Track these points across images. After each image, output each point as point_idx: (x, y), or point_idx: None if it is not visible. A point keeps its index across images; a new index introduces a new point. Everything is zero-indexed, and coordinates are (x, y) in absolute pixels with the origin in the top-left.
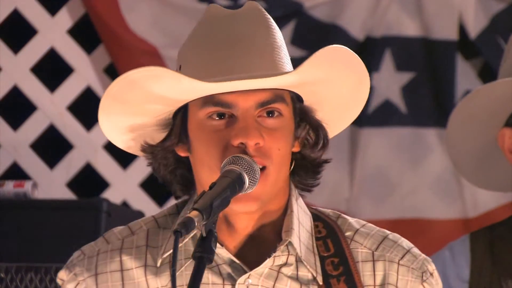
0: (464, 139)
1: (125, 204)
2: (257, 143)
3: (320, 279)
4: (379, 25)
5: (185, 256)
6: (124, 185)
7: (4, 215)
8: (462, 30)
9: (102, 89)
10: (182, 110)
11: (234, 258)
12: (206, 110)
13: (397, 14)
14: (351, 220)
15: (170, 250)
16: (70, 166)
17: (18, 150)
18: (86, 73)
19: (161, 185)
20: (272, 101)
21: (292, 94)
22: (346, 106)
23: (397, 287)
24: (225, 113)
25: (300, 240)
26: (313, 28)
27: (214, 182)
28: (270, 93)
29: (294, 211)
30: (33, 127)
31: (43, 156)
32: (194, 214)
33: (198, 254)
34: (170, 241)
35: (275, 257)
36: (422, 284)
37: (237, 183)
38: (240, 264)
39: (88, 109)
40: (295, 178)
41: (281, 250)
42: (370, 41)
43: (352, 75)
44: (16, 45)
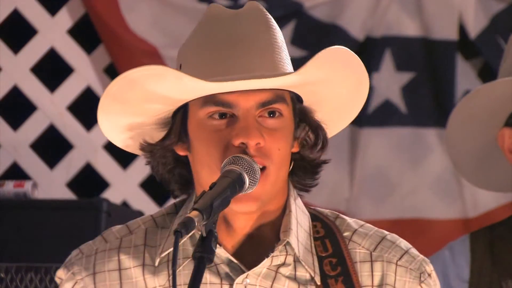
0: (464, 139)
1: (125, 204)
2: (257, 143)
3: (318, 279)
4: (379, 25)
5: (183, 255)
6: (124, 185)
7: (4, 215)
8: (462, 30)
9: (102, 89)
10: (182, 110)
11: (232, 257)
12: (207, 110)
13: (397, 14)
14: (350, 220)
15: (168, 249)
16: (70, 166)
17: (18, 150)
18: (86, 73)
19: (161, 185)
20: (273, 101)
21: (292, 94)
22: (345, 106)
23: None
24: (226, 113)
25: (298, 240)
26: (313, 28)
27: (215, 182)
28: (271, 93)
29: (293, 211)
30: (33, 127)
31: (43, 156)
32: (194, 214)
33: (198, 254)
34: (168, 240)
35: (273, 257)
36: (420, 285)
37: (237, 183)
38: (238, 263)
39: (88, 109)
40: (294, 178)
41: (279, 250)
42: (370, 41)
43: (352, 76)
44: (16, 45)
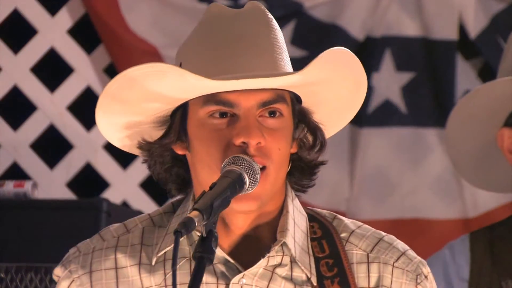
0: (463, 139)
1: (125, 204)
2: (258, 143)
3: (314, 280)
4: (379, 25)
5: (179, 255)
6: (124, 185)
7: (4, 215)
8: (462, 30)
9: (102, 89)
10: (181, 108)
11: (229, 257)
12: (208, 109)
13: (397, 14)
14: (347, 221)
15: (165, 248)
16: (70, 166)
17: (18, 150)
18: (86, 73)
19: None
20: (274, 101)
21: (291, 95)
22: (344, 107)
23: None
24: (226, 112)
25: (295, 240)
26: (313, 28)
27: (215, 183)
28: (272, 93)
29: (290, 212)
30: (33, 127)
31: (43, 156)
32: (194, 214)
33: (198, 254)
34: (165, 239)
35: (269, 257)
36: (416, 286)
37: (237, 184)
38: (234, 263)
39: (88, 109)
40: (291, 179)
41: (275, 250)
42: (370, 41)
43: (351, 77)
44: (16, 45)
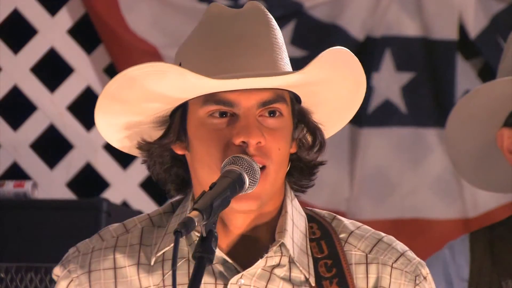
0: (463, 139)
1: (125, 204)
2: (258, 142)
3: (312, 281)
4: (379, 25)
5: (178, 255)
6: (124, 185)
7: (4, 215)
8: (462, 30)
9: (102, 89)
10: (181, 108)
11: (227, 257)
12: (208, 109)
13: (397, 14)
14: (346, 222)
15: (164, 248)
16: (70, 166)
17: (18, 150)
18: (86, 73)
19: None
20: (273, 100)
21: (291, 95)
22: (344, 107)
23: None
24: (226, 111)
25: (293, 241)
26: (313, 28)
27: (215, 182)
28: (272, 92)
29: (289, 212)
30: (33, 127)
31: (43, 156)
32: (194, 214)
33: (198, 254)
34: (164, 239)
35: (268, 258)
36: (414, 287)
37: (237, 183)
38: (233, 263)
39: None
40: (290, 179)
41: (273, 251)
42: (370, 41)
43: (351, 77)
44: (16, 45)
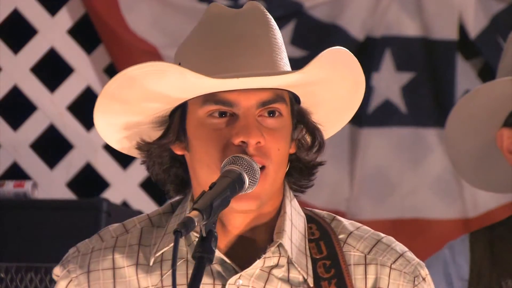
0: (463, 139)
1: (125, 204)
2: (258, 142)
3: (311, 281)
4: (379, 25)
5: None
6: (124, 185)
7: (4, 215)
8: (462, 30)
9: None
10: (180, 108)
11: (225, 258)
12: (207, 108)
13: (397, 14)
14: (346, 222)
15: (163, 248)
16: (70, 166)
17: (18, 150)
18: (86, 73)
19: None
20: (273, 100)
21: (290, 95)
22: (343, 107)
23: None
24: (226, 111)
25: (292, 241)
26: (313, 28)
27: (214, 182)
28: (271, 92)
29: (287, 213)
30: (33, 127)
31: (43, 156)
32: (194, 214)
33: (198, 254)
34: (163, 239)
35: (266, 258)
36: None
37: (237, 183)
38: (231, 264)
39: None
40: (290, 179)
41: (272, 251)
42: (370, 41)
43: (350, 77)
44: (16, 45)
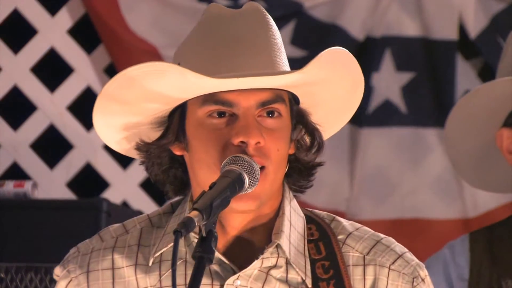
0: (463, 139)
1: (125, 204)
2: (257, 143)
3: (309, 282)
4: (379, 25)
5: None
6: (124, 185)
7: (4, 215)
8: (462, 30)
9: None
10: (179, 109)
11: (224, 258)
12: (207, 109)
13: (397, 14)
14: (346, 223)
15: (162, 249)
16: (70, 166)
17: (18, 150)
18: (86, 73)
19: None
20: (272, 101)
21: (289, 95)
22: (341, 108)
23: None
24: (225, 111)
25: (290, 242)
26: (313, 28)
27: (214, 182)
28: (271, 93)
29: (286, 214)
30: (33, 127)
31: (43, 156)
32: (194, 214)
33: (198, 254)
34: (163, 239)
35: (263, 259)
36: None
37: (237, 183)
38: (229, 264)
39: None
40: (289, 180)
41: (270, 252)
42: (370, 41)
43: (349, 77)
44: (16, 45)
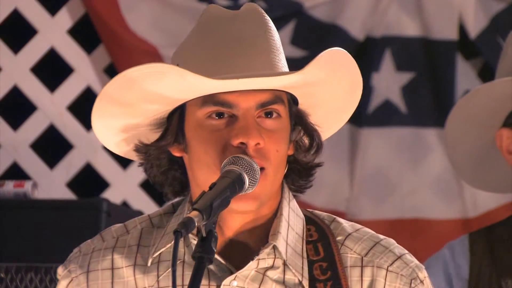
0: (462, 139)
1: (125, 204)
2: (257, 144)
3: (306, 283)
4: (379, 25)
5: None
6: (124, 185)
7: (4, 215)
8: (462, 30)
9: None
10: (179, 110)
11: (221, 258)
12: (206, 110)
13: (397, 14)
14: (346, 224)
15: (161, 249)
16: (70, 166)
17: (18, 150)
18: (86, 73)
19: None
20: (272, 102)
21: (288, 96)
22: (340, 108)
23: None
24: (225, 112)
25: (287, 243)
26: (313, 28)
27: (214, 183)
28: (270, 94)
29: (284, 214)
30: (33, 127)
31: (43, 156)
32: (194, 214)
33: (198, 254)
34: (162, 240)
35: (260, 260)
36: None
37: (237, 184)
38: (226, 265)
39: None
40: (288, 180)
41: (266, 253)
42: (370, 41)
43: (348, 77)
44: (16, 45)
